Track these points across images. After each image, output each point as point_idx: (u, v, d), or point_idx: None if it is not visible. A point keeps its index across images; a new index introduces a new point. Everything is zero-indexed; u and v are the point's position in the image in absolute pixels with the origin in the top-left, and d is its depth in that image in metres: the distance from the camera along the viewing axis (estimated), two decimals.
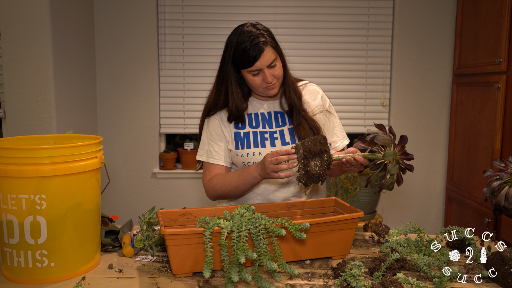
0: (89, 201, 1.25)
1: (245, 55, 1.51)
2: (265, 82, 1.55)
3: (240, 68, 1.56)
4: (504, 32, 2.59)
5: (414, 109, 3.42)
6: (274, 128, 1.65)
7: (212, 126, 1.67)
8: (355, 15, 3.35)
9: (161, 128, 3.43)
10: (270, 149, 1.61)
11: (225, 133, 1.65)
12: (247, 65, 1.52)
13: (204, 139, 1.68)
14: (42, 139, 1.42)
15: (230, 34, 1.58)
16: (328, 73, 3.41)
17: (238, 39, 1.52)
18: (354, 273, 1.13)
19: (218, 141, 1.65)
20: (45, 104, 2.57)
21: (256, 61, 1.51)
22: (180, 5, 3.32)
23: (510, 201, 1.20)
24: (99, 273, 1.26)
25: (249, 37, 1.51)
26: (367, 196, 3.04)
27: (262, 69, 1.53)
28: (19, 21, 2.50)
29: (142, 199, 3.44)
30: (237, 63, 1.55)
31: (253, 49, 1.49)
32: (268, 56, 1.52)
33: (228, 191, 1.59)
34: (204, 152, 1.67)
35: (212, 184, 1.62)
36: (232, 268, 1.11)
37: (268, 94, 1.62)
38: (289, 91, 1.64)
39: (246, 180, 1.53)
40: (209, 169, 1.66)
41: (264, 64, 1.52)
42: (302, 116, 1.63)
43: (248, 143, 1.62)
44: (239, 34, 1.54)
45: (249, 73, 1.55)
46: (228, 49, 1.57)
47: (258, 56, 1.50)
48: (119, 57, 3.31)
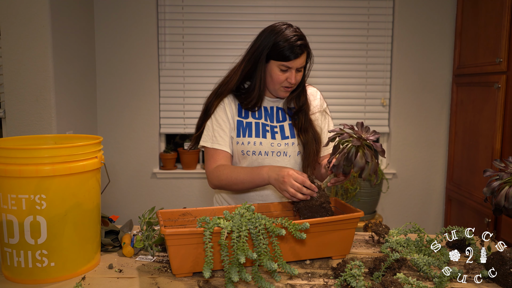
0: (89, 201, 1.25)
1: (288, 48, 1.53)
2: (288, 81, 1.59)
3: (273, 59, 1.56)
4: (504, 32, 2.59)
5: (414, 109, 3.41)
6: (275, 123, 1.68)
7: (218, 112, 1.66)
8: (355, 15, 3.35)
9: (161, 128, 3.43)
10: (270, 140, 1.63)
11: (230, 119, 1.66)
12: (284, 59, 1.54)
13: (209, 125, 1.67)
14: (42, 139, 1.42)
15: (273, 24, 1.60)
16: (328, 73, 3.41)
17: (286, 31, 1.55)
18: (354, 273, 1.13)
19: (224, 127, 1.65)
20: (45, 104, 2.57)
21: (296, 58, 1.55)
22: (180, 5, 3.32)
23: (510, 201, 1.20)
24: (99, 273, 1.26)
25: (296, 35, 1.55)
26: (367, 196, 3.04)
27: (292, 68, 1.57)
28: (19, 21, 2.50)
29: (142, 199, 3.44)
30: (275, 53, 1.55)
31: (298, 47, 1.54)
32: (303, 59, 1.58)
33: (233, 184, 1.58)
34: (208, 138, 1.65)
35: (218, 173, 1.61)
36: (232, 268, 1.10)
37: (281, 95, 1.65)
38: (304, 98, 1.71)
39: (254, 180, 1.53)
40: (214, 155, 1.65)
41: (297, 65, 1.57)
42: (309, 122, 1.68)
43: (250, 132, 1.64)
44: (286, 27, 1.57)
45: (278, 67, 1.57)
46: (270, 34, 1.56)
47: (299, 55, 1.55)
48: (119, 57, 3.31)
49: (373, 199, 3.07)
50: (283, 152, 1.65)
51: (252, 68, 1.61)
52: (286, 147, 1.65)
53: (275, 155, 1.64)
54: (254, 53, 1.59)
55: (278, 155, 1.65)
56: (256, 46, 1.59)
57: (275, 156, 1.64)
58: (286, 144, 1.65)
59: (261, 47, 1.57)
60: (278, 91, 1.63)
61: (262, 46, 1.57)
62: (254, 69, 1.60)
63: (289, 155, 1.66)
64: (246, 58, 1.62)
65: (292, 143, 1.66)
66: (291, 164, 1.66)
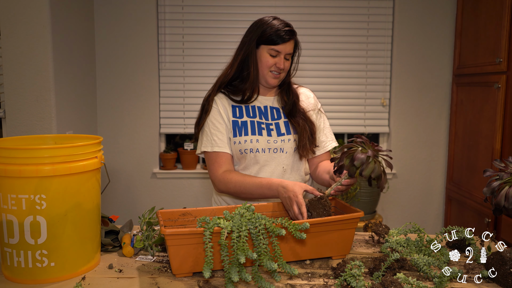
0: (89, 201, 1.25)
1: (276, 33, 1.60)
2: (277, 66, 1.64)
3: (263, 43, 1.62)
4: (504, 32, 2.59)
5: (414, 109, 3.41)
6: (270, 121, 1.70)
7: (213, 115, 1.68)
8: (355, 15, 3.35)
9: (161, 128, 3.43)
10: (267, 138, 1.65)
11: (226, 121, 1.68)
12: (273, 43, 1.61)
13: (206, 130, 1.68)
14: (42, 139, 1.42)
15: (259, 19, 1.66)
16: (328, 73, 3.41)
17: (272, 21, 1.64)
18: (354, 273, 1.13)
19: (221, 129, 1.67)
20: (45, 104, 2.57)
21: (283, 43, 1.62)
22: (180, 5, 3.32)
23: (510, 201, 1.20)
24: (99, 273, 1.26)
25: (282, 23, 1.64)
26: (367, 196, 3.04)
27: (280, 53, 1.63)
28: (19, 21, 2.50)
29: (142, 199, 3.44)
30: (263, 39, 1.61)
31: (285, 32, 1.61)
32: (291, 46, 1.65)
33: (240, 193, 1.60)
34: (208, 142, 1.67)
35: (225, 180, 1.61)
36: (232, 268, 1.10)
37: (270, 82, 1.68)
38: (289, 90, 1.75)
39: (264, 194, 1.55)
40: (216, 159, 1.66)
41: (286, 50, 1.63)
42: (300, 113, 1.71)
43: (246, 131, 1.66)
44: (272, 18, 1.65)
45: (267, 52, 1.63)
46: (257, 27, 1.64)
47: (286, 40, 1.62)
48: (119, 57, 3.31)
49: (373, 199, 3.07)
50: (279, 148, 1.66)
51: (244, 56, 1.66)
52: (283, 144, 1.66)
53: (272, 152, 1.65)
54: (245, 43, 1.66)
55: (275, 152, 1.65)
56: (246, 36, 1.67)
57: (272, 153, 1.65)
58: (283, 141, 1.66)
59: (251, 35, 1.65)
60: (267, 77, 1.67)
61: (252, 34, 1.65)
62: (247, 57, 1.66)
63: (286, 152, 1.67)
64: (238, 49, 1.70)
65: (288, 140, 1.67)
66: (288, 160, 1.67)
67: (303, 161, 1.73)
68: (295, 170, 1.70)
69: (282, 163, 1.67)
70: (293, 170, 1.70)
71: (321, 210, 1.36)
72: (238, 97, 1.71)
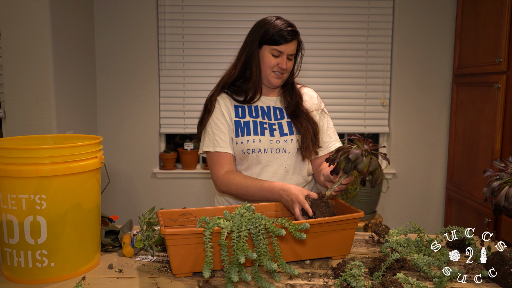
0: (89, 201, 1.25)
1: (278, 33, 1.60)
2: (279, 66, 1.63)
3: (265, 43, 1.62)
4: (504, 32, 2.59)
5: (414, 109, 3.41)
6: (273, 121, 1.69)
7: (215, 116, 1.68)
8: (355, 15, 3.35)
9: (161, 128, 3.43)
10: (269, 138, 1.65)
11: (228, 121, 1.67)
12: (276, 43, 1.60)
13: (208, 130, 1.68)
14: (42, 139, 1.42)
15: (262, 19, 1.66)
16: (328, 73, 3.41)
17: (275, 21, 1.63)
18: (354, 273, 1.13)
19: (223, 129, 1.66)
20: (45, 104, 2.57)
21: (286, 43, 1.61)
22: (180, 5, 3.32)
23: (510, 201, 1.20)
24: (99, 273, 1.26)
25: (285, 23, 1.63)
26: (367, 196, 3.04)
27: (283, 54, 1.62)
28: (19, 21, 2.50)
29: (142, 199, 3.44)
30: (266, 39, 1.61)
31: (288, 32, 1.60)
32: (294, 46, 1.65)
33: (241, 195, 1.60)
34: (210, 142, 1.67)
35: (227, 181, 1.61)
36: (232, 268, 1.10)
37: (272, 82, 1.68)
38: (292, 90, 1.75)
39: (266, 197, 1.55)
40: (218, 160, 1.66)
41: (288, 51, 1.63)
42: (303, 113, 1.70)
43: (248, 130, 1.65)
44: (275, 18, 1.64)
45: (270, 52, 1.63)
46: (260, 27, 1.64)
47: (289, 40, 1.61)
48: (119, 57, 3.31)
49: (373, 199, 3.07)
50: (282, 149, 1.65)
51: (247, 56, 1.65)
52: (285, 144, 1.65)
53: (274, 152, 1.65)
54: (248, 43, 1.66)
55: (277, 152, 1.65)
56: (249, 36, 1.66)
57: (274, 153, 1.64)
58: (285, 141, 1.65)
59: (254, 35, 1.64)
60: (270, 77, 1.67)
61: (255, 34, 1.64)
62: (249, 57, 1.65)
63: (288, 152, 1.66)
64: (241, 49, 1.69)
65: (291, 140, 1.66)
66: (290, 161, 1.67)
67: (305, 161, 1.71)
68: (297, 171, 1.70)
69: (285, 163, 1.67)
70: (296, 171, 1.69)
71: (324, 208, 1.36)
72: (241, 97, 1.70)
